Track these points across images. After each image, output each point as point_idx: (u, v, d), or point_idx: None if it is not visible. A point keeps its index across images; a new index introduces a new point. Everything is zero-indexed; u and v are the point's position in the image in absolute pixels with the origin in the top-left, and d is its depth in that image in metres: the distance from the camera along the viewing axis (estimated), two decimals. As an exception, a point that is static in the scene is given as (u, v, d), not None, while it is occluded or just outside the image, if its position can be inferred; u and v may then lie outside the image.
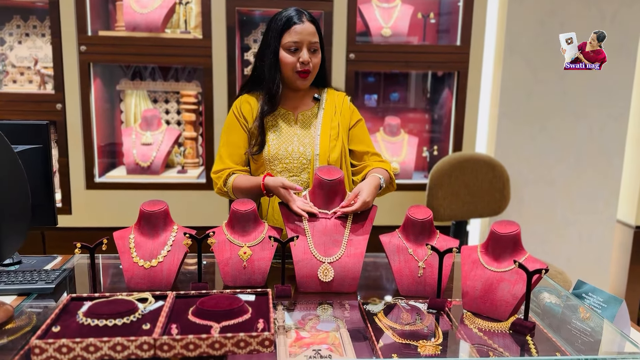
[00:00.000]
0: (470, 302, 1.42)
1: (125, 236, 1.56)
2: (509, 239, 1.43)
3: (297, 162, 1.78)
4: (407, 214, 1.56)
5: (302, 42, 1.71)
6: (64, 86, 2.62)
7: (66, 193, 2.70)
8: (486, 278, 1.41)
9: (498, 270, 1.41)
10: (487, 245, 1.46)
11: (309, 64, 1.73)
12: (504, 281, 1.39)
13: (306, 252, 1.53)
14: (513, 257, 1.42)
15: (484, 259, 1.45)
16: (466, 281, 1.43)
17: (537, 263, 1.41)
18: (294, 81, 1.76)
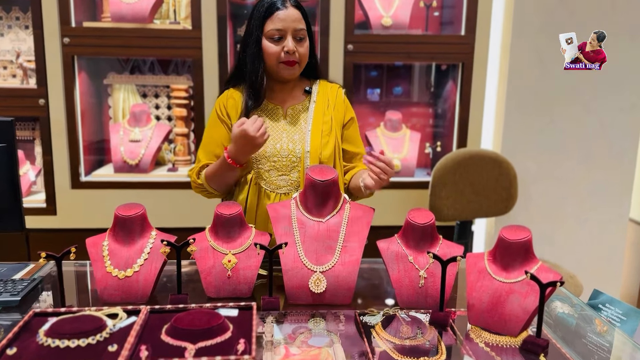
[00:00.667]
0: (477, 316, 1.28)
1: (99, 243, 1.43)
2: (519, 246, 1.29)
3: (286, 160, 1.65)
4: (407, 218, 1.43)
5: (286, 30, 1.57)
6: (47, 80, 2.49)
7: (51, 193, 2.58)
8: (494, 289, 1.28)
9: (507, 281, 1.28)
10: (495, 253, 1.33)
11: (295, 54, 1.59)
12: (513, 293, 1.26)
13: (296, 260, 1.40)
14: (524, 266, 1.29)
15: (491, 268, 1.31)
16: (472, 293, 1.30)
17: (550, 273, 1.28)
18: (280, 72, 1.63)
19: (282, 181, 1.65)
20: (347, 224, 1.45)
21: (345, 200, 1.49)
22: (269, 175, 1.65)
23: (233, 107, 1.68)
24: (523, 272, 1.27)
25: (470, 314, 1.29)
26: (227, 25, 2.54)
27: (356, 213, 1.47)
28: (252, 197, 1.66)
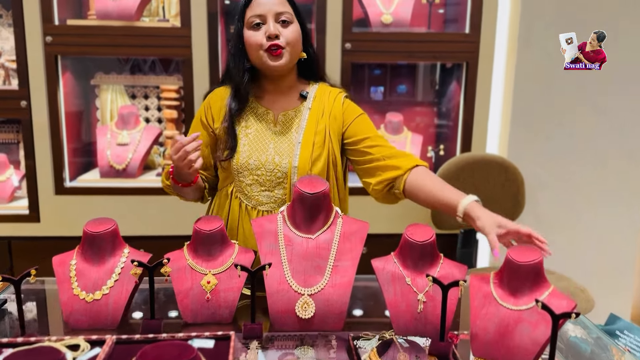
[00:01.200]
0: (481, 347, 1.15)
1: (66, 262, 1.30)
2: (528, 270, 1.17)
3: (270, 174, 1.50)
4: (405, 235, 1.29)
5: (265, 15, 1.42)
6: (29, 81, 2.36)
7: (33, 199, 2.46)
8: (500, 318, 1.15)
9: (515, 308, 1.15)
10: (502, 275, 1.20)
11: (279, 37, 1.42)
12: (522, 322, 1.13)
13: (282, 282, 1.27)
14: (534, 291, 1.16)
15: (497, 293, 1.19)
16: (476, 321, 1.17)
17: (563, 300, 1.15)
18: (266, 64, 1.45)
19: (264, 197, 1.51)
20: (339, 240, 1.32)
21: (337, 215, 1.36)
22: (250, 190, 1.51)
23: (219, 110, 1.53)
24: (533, 299, 1.14)
25: (475, 344, 1.16)
26: (219, 22, 2.41)
27: (349, 228, 1.34)
28: (233, 212, 1.52)
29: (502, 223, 1.28)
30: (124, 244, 1.33)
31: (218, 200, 1.57)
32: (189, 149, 1.35)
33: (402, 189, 1.46)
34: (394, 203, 1.57)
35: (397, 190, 1.48)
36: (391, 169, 1.48)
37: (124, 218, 2.51)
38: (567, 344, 1.29)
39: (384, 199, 1.54)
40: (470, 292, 1.21)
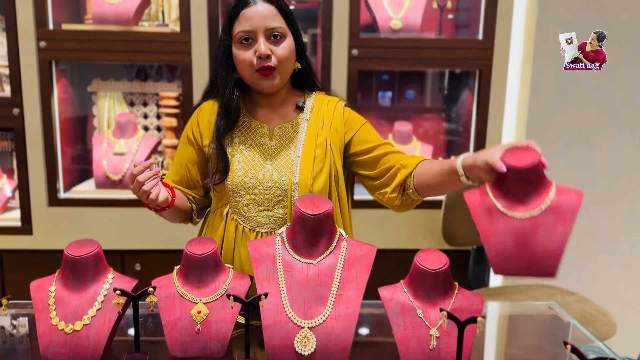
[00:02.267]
0: (503, 262, 1.08)
1: (45, 288, 1.19)
2: (530, 173, 1.08)
3: (269, 193, 1.38)
4: (415, 261, 1.17)
5: (255, 30, 1.30)
6: (22, 88, 2.27)
7: (26, 211, 2.36)
8: (514, 228, 1.08)
9: (527, 216, 1.08)
10: (500, 184, 1.11)
11: (271, 57, 1.31)
12: (539, 227, 1.07)
13: (279, 312, 1.15)
14: (540, 192, 1.09)
15: (502, 204, 1.10)
16: (489, 238, 1.09)
17: (571, 194, 1.11)
18: (258, 84, 1.36)
19: (263, 218, 1.39)
20: (344, 266, 1.20)
21: (341, 237, 1.24)
22: (247, 211, 1.39)
23: (208, 126, 1.42)
24: (540, 202, 1.08)
25: (495, 260, 1.09)
26: (219, 27, 2.31)
27: (355, 253, 1.23)
28: (229, 235, 1.41)
29: (498, 147, 1.16)
30: (108, 268, 1.22)
31: (212, 222, 1.45)
32: (141, 179, 1.24)
33: (413, 185, 1.37)
34: (410, 208, 1.46)
35: (409, 190, 1.38)
36: (401, 171, 1.39)
37: (119, 231, 2.44)
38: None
39: (402, 204, 1.43)
40: (471, 210, 1.12)
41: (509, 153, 1.11)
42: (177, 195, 1.42)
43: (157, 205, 1.30)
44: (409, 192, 1.39)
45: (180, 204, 1.43)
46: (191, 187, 1.48)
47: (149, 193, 1.25)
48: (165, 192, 1.31)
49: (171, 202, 1.35)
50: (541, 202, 1.09)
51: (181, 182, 1.47)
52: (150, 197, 1.25)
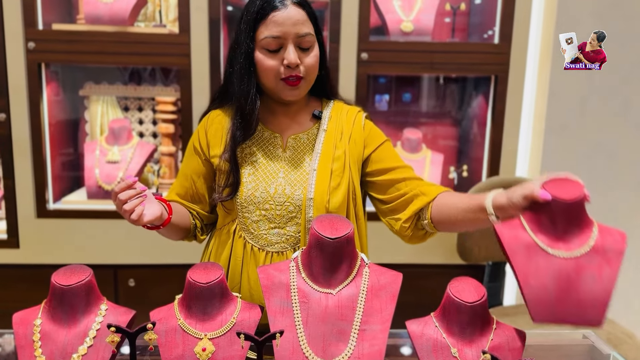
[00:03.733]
0: (545, 309, 0.95)
1: (29, 320, 1.05)
2: (575, 208, 0.98)
3: (281, 208, 1.25)
4: (449, 292, 1.05)
5: (285, 37, 1.19)
6: (9, 92, 2.12)
7: (12, 222, 2.21)
8: (557, 270, 0.96)
9: (570, 255, 0.97)
10: (538, 217, 0.99)
11: (299, 67, 1.21)
12: (584, 269, 0.96)
13: (296, 351, 1.02)
14: (583, 230, 0.99)
15: (542, 240, 0.98)
16: (528, 280, 0.96)
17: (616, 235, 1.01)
18: (281, 94, 1.24)
19: (274, 236, 1.26)
20: (367, 297, 1.07)
21: (363, 263, 1.11)
22: (257, 228, 1.26)
23: (216, 135, 1.30)
24: (584, 241, 0.98)
25: (535, 308, 0.96)
26: (221, 29, 2.18)
27: (378, 281, 1.10)
28: (236, 255, 1.27)
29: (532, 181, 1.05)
30: (101, 298, 1.09)
31: (217, 240, 1.32)
32: (122, 198, 1.11)
33: (430, 217, 1.25)
34: (422, 240, 1.35)
35: (425, 220, 1.27)
36: (418, 198, 1.27)
37: (113, 244, 2.29)
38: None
39: (412, 236, 1.32)
40: (506, 247, 0.99)
41: (550, 184, 1.00)
42: (177, 211, 1.29)
43: (144, 224, 1.16)
44: (423, 222, 1.27)
45: (179, 221, 1.30)
46: (196, 202, 1.36)
47: (130, 212, 1.11)
48: (159, 209, 1.17)
49: (166, 220, 1.22)
50: (585, 242, 0.98)
51: (186, 196, 1.36)
52: (132, 216, 1.11)
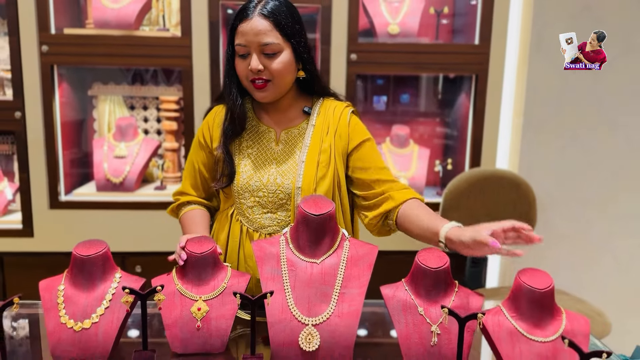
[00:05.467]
0: None
1: (54, 287, 1.21)
2: (547, 297, 1.09)
3: (273, 196, 1.41)
4: (417, 261, 1.20)
5: (249, 45, 1.32)
6: (24, 92, 2.29)
7: (27, 213, 2.37)
8: (536, 354, 1.06)
9: (547, 340, 1.07)
10: (517, 305, 1.11)
11: (263, 72, 1.34)
12: (560, 352, 1.06)
13: (284, 310, 1.18)
14: (554, 318, 1.10)
15: (522, 327, 1.09)
16: None
17: (581, 320, 1.10)
18: (252, 94, 1.40)
19: (267, 220, 1.42)
20: (346, 265, 1.23)
21: (344, 237, 1.27)
22: (251, 212, 1.42)
23: (218, 129, 1.45)
24: (556, 327, 1.08)
25: None
26: (220, 32, 2.34)
27: (357, 252, 1.25)
28: (234, 236, 1.44)
29: (485, 226, 1.20)
30: (115, 267, 1.24)
31: (218, 222, 1.49)
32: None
33: (395, 219, 1.40)
34: (387, 235, 1.50)
35: (390, 221, 1.42)
36: (388, 201, 1.42)
37: (121, 233, 2.45)
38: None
39: (379, 232, 1.48)
40: (490, 331, 1.11)
41: (524, 275, 1.11)
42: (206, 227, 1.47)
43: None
44: (389, 222, 1.43)
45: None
46: (207, 190, 1.52)
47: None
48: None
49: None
50: (558, 327, 1.09)
51: (197, 185, 1.51)
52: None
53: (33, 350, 1.33)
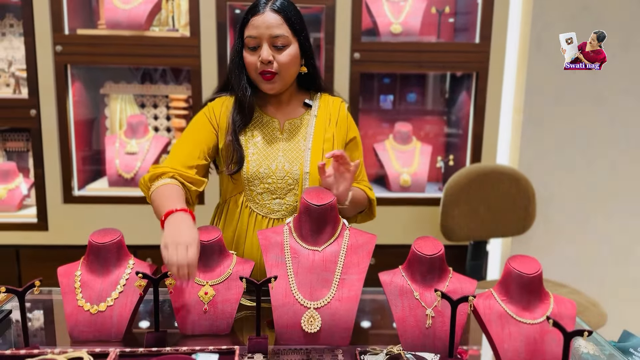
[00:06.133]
0: None
1: (71, 272, 1.29)
2: (536, 281, 1.15)
3: (281, 182, 1.49)
4: (413, 248, 1.27)
5: (260, 37, 1.41)
6: (39, 90, 2.37)
7: (42, 208, 2.46)
8: (526, 335, 1.13)
9: (535, 322, 1.14)
10: (507, 290, 1.18)
11: (272, 64, 1.42)
12: (547, 333, 1.12)
13: (287, 294, 1.25)
14: (542, 302, 1.16)
15: (512, 310, 1.16)
16: (502, 344, 1.13)
17: (567, 303, 1.16)
18: (260, 86, 1.47)
19: (276, 205, 1.50)
20: (346, 253, 1.30)
21: (344, 227, 1.34)
22: (261, 199, 1.50)
23: (223, 118, 1.51)
24: (544, 309, 1.15)
25: None
26: (227, 32, 2.41)
27: (357, 241, 1.32)
28: (242, 222, 1.51)
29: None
30: (129, 254, 1.32)
31: (226, 209, 1.56)
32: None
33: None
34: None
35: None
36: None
37: (132, 227, 2.52)
38: (580, 361, 1.25)
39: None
40: (483, 315, 1.17)
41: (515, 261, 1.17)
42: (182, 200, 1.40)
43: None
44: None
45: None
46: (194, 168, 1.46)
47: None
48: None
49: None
50: (546, 310, 1.15)
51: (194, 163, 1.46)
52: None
53: (51, 332, 1.41)
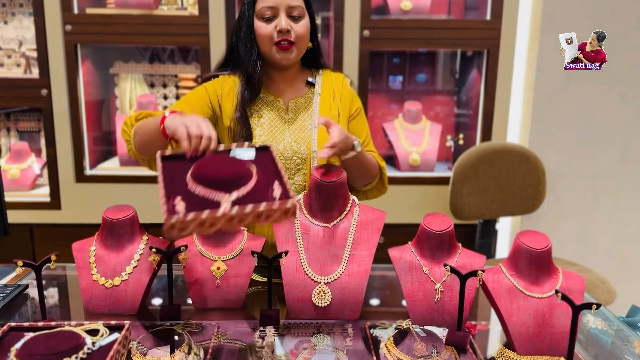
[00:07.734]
0: (527, 343, 1.12)
1: (86, 248, 1.32)
2: (544, 256, 1.15)
3: (289, 162, 1.49)
4: (422, 224, 1.28)
5: (278, 7, 1.41)
6: (49, 70, 2.39)
7: (55, 187, 2.49)
8: (534, 309, 1.13)
9: (544, 296, 1.14)
10: (516, 265, 1.18)
11: (290, 33, 1.42)
12: (556, 307, 1.12)
13: (298, 270, 1.27)
14: (550, 277, 1.16)
15: (520, 284, 1.16)
16: (511, 318, 1.14)
17: (576, 278, 1.17)
18: (274, 57, 1.45)
19: None
20: (356, 229, 1.31)
21: (354, 203, 1.35)
22: None
23: (228, 97, 1.50)
24: (553, 284, 1.15)
25: (519, 342, 1.13)
26: (236, 10, 2.40)
27: (366, 217, 1.33)
28: None
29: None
30: (142, 231, 1.34)
31: None
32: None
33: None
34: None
35: None
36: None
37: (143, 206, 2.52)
38: (588, 336, 1.26)
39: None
40: (491, 290, 1.18)
41: (524, 236, 1.17)
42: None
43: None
44: None
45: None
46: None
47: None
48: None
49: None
50: (554, 284, 1.15)
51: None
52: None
53: (66, 307, 1.44)
